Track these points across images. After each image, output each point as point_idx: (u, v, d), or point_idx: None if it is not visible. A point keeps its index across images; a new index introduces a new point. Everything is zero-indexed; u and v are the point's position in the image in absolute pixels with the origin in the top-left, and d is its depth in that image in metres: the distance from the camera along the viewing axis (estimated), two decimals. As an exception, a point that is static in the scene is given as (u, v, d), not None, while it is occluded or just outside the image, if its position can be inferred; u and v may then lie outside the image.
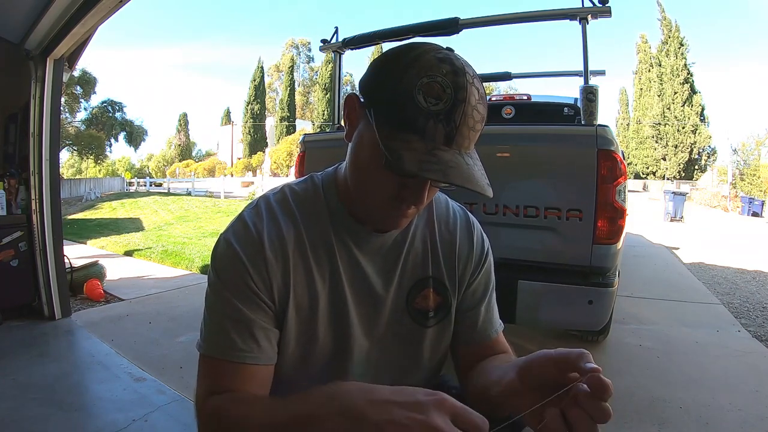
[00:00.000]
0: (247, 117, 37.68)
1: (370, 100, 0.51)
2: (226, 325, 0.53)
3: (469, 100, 0.46)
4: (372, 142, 0.49)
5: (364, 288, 0.61)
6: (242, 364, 0.53)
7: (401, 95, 0.46)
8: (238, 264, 0.54)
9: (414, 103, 0.46)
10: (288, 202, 0.60)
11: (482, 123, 0.49)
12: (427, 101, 0.45)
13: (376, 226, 0.59)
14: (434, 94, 0.45)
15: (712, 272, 4.66)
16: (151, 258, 5.07)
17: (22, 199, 2.64)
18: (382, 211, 0.54)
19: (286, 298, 0.56)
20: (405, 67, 0.47)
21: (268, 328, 0.55)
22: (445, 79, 0.46)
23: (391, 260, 0.62)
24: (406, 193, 0.51)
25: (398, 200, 0.52)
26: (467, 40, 74.95)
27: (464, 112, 0.46)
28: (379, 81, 0.50)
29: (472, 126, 0.48)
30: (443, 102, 0.45)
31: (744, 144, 20.58)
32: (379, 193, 0.53)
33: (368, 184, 0.54)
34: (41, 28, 2.39)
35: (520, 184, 1.79)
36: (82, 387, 1.91)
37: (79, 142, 26.21)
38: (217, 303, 0.55)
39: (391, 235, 0.62)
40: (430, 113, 0.46)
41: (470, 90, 0.47)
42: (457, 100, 0.46)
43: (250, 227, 0.56)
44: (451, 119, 0.46)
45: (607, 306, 1.68)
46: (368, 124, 0.50)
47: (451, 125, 0.46)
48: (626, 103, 35.23)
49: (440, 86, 0.46)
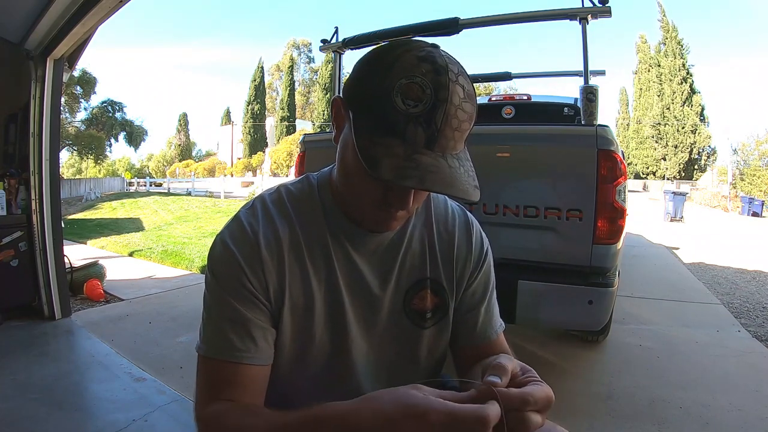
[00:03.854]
0: (247, 117, 37.67)
1: (351, 103, 0.50)
2: (224, 326, 0.53)
3: (451, 99, 0.45)
4: (354, 147, 0.48)
5: (361, 289, 0.61)
6: (240, 364, 0.53)
7: (380, 98, 0.45)
8: (234, 265, 0.54)
9: (393, 106, 0.44)
10: (284, 202, 0.60)
11: (470, 122, 0.48)
12: (406, 104, 0.44)
13: (369, 227, 0.58)
14: (413, 95, 0.44)
15: (712, 272, 4.66)
16: (151, 258, 5.07)
17: (22, 199, 2.63)
18: (372, 214, 0.54)
19: (281, 297, 0.56)
20: (385, 68, 0.46)
21: (266, 328, 0.55)
22: (425, 79, 0.44)
23: (387, 261, 0.62)
24: (391, 197, 0.51)
25: (386, 204, 0.52)
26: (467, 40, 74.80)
27: (446, 112, 0.45)
28: (359, 83, 0.49)
29: (457, 126, 0.46)
30: (423, 103, 0.44)
31: (744, 144, 20.59)
32: (366, 197, 0.53)
33: (355, 187, 0.53)
34: (41, 28, 2.39)
35: (520, 184, 1.79)
36: (82, 387, 1.91)
37: (79, 142, 26.19)
38: (214, 304, 0.55)
39: (387, 235, 0.61)
40: (409, 116, 0.44)
41: (453, 89, 0.45)
42: (437, 100, 0.44)
43: (246, 228, 0.56)
44: (432, 121, 0.45)
45: (607, 306, 1.68)
46: (353, 128, 0.49)
47: (432, 128, 0.45)
48: (626, 103, 35.23)
49: (419, 87, 0.44)
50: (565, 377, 2.06)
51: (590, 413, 1.72)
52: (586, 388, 1.94)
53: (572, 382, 1.99)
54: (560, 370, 2.12)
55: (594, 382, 2.00)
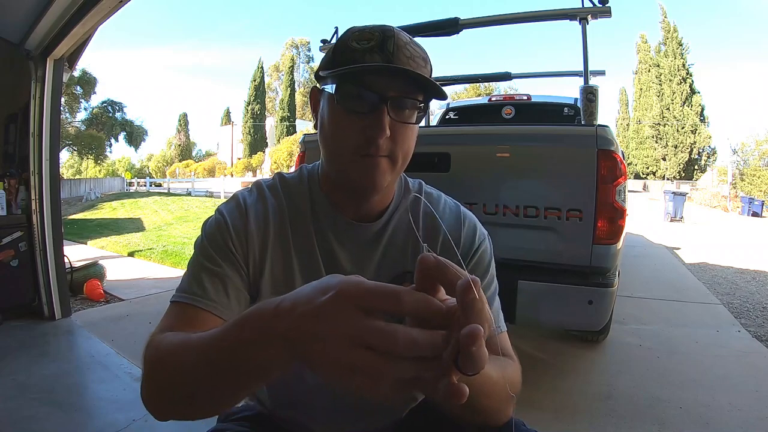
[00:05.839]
0: (247, 117, 37.68)
1: (320, 76, 0.57)
2: (203, 276, 0.55)
3: (398, 36, 0.52)
4: (329, 103, 0.55)
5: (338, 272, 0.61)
6: (209, 312, 0.52)
7: (338, 49, 0.54)
8: (222, 228, 0.58)
9: (350, 48, 0.52)
10: (277, 188, 0.65)
11: (423, 61, 0.54)
12: (360, 43, 0.52)
13: (355, 183, 0.57)
14: (365, 37, 0.52)
15: (712, 272, 4.66)
16: (151, 258, 5.07)
17: (22, 199, 2.63)
18: (355, 164, 0.55)
19: (261, 269, 0.59)
20: (341, 37, 0.56)
21: (240, 290, 0.57)
22: (372, 28, 0.54)
23: (366, 252, 0.63)
24: (369, 131, 0.53)
25: (366, 145, 0.53)
26: (467, 40, 74.64)
27: (396, 44, 0.52)
28: (324, 59, 0.58)
29: (410, 56, 0.52)
30: (374, 40, 0.52)
31: (744, 144, 20.59)
32: (348, 145, 0.55)
33: (337, 140, 0.56)
34: (41, 28, 2.39)
35: (520, 184, 1.79)
36: (82, 387, 1.91)
37: (79, 142, 26.20)
38: (198, 258, 0.57)
39: (370, 228, 0.63)
40: (365, 50, 0.52)
41: (397, 32, 0.53)
42: (385, 37, 0.52)
43: (240, 202, 0.62)
44: (385, 49, 0.51)
45: (607, 306, 1.68)
46: (325, 97, 0.57)
47: (386, 53, 0.51)
48: (626, 103, 35.24)
49: (369, 32, 0.53)
50: (565, 377, 2.06)
51: (590, 413, 1.72)
52: (586, 388, 1.94)
53: (572, 382, 1.99)
54: (560, 370, 2.12)
55: (594, 382, 2.00)
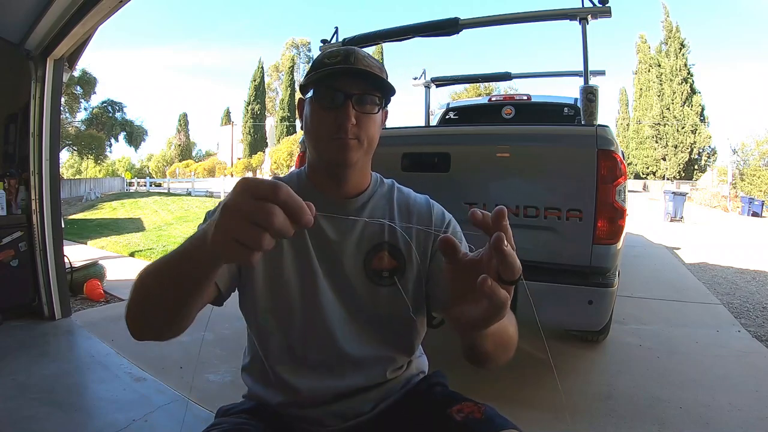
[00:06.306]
0: (247, 117, 37.63)
1: (303, 87, 0.72)
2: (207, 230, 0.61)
3: (358, 53, 0.70)
4: (310, 104, 0.70)
5: (323, 241, 0.72)
6: None
7: (315, 65, 0.72)
8: None
9: (322, 63, 0.70)
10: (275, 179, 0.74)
11: (379, 69, 0.70)
12: (330, 59, 0.69)
13: (331, 162, 0.71)
14: (333, 54, 0.70)
15: (712, 272, 4.66)
16: (151, 258, 5.07)
17: (22, 199, 2.63)
18: (330, 145, 0.69)
19: None
20: (315, 57, 0.79)
21: None
22: (339, 49, 0.71)
23: (348, 223, 0.72)
24: (339, 120, 0.67)
25: (337, 130, 0.67)
26: (467, 40, 74.59)
27: (356, 57, 0.69)
28: (305, 73, 0.74)
29: (367, 65, 0.69)
30: (340, 55, 0.69)
31: (744, 144, 20.59)
32: (324, 132, 0.69)
33: (317, 129, 0.70)
34: (41, 28, 2.39)
35: (520, 184, 1.79)
36: (82, 387, 1.91)
37: (79, 142, 26.19)
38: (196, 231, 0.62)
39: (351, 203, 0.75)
40: (333, 63, 0.69)
41: (358, 50, 0.70)
42: (348, 53, 0.69)
43: None
44: (348, 61, 0.68)
45: (607, 306, 1.68)
46: (307, 102, 0.72)
47: (349, 63, 0.68)
48: (626, 103, 35.19)
49: (336, 51, 0.71)
50: (565, 377, 2.06)
51: (590, 413, 1.72)
52: (586, 388, 1.94)
53: (572, 382, 1.99)
54: (560, 370, 2.12)
55: (594, 382, 2.00)
